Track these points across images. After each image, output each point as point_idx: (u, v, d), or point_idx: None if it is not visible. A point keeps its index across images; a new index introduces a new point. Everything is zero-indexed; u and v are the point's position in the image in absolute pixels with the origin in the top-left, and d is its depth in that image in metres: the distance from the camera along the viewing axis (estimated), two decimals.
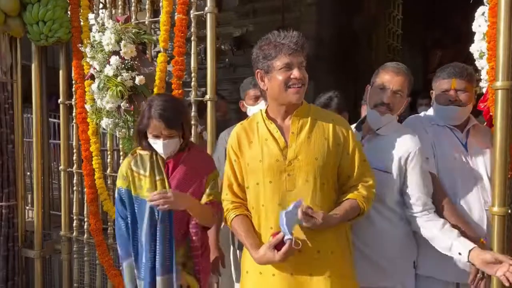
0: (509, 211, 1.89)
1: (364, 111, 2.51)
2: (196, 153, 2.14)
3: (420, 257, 2.05)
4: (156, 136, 1.99)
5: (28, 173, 4.17)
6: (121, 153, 3.07)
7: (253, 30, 7.96)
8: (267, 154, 1.75)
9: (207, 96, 2.74)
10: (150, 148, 2.06)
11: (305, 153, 1.73)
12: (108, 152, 3.22)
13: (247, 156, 1.80)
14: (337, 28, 8.54)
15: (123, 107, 2.79)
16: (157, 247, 1.98)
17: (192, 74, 2.80)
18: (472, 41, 2.46)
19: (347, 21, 8.96)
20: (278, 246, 1.63)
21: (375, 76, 2.05)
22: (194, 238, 2.03)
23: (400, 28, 12.10)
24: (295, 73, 1.68)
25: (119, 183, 2.11)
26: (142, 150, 2.11)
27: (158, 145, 2.00)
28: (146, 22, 3.00)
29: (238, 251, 2.55)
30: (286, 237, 1.61)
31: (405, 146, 1.94)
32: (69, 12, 3.27)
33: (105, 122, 2.88)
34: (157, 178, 2.04)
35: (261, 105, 2.43)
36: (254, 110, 2.46)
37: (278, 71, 1.69)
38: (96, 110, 2.97)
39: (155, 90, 2.84)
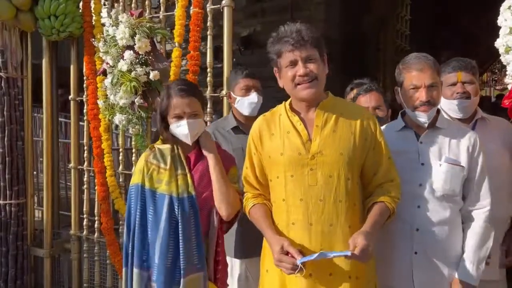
0: None
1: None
2: (216, 147, 2.02)
3: None
4: (179, 117, 1.88)
5: (35, 173, 4.12)
6: (133, 150, 3.01)
7: (261, 30, 7.91)
8: (288, 147, 1.70)
9: (223, 92, 2.67)
10: (172, 139, 1.95)
11: (330, 148, 1.67)
12: (120, 150, 3.15)
13: (268, 149, 1.76)
14: (345, 28, 8.50)
15: (137, 103, 2.73)
16: (181, 245, 1.83)
17: (208, 70, 2.74)
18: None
19: (355, 21, 8.93)
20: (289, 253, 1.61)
21: (400, 76, 1.96)
22: (219, 240, 1.93)
23: (408, 28, 12.05)
24: (299, 69, 1.63)
25: (135, 179, 1.94)
26: (161, 144, 1.98)
27: (182, 127, 1.88)
28: (161, 17, 2.94)
29: (233, 260, 2.40)
30: (301, 260, 1.57)
31: (467, 136, 1.90)
32: (81, 7, 3.22)
33: (118, 118, 2.82)
34: (179, 172, 1.91)
35: (254, 96, 2.34)
36: (245, 101, 2.36)
37: (285, 68, 1.67)
38: (109, 106, 2.90)
39: None
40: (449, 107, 2.16)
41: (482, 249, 1.85)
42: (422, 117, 1.90)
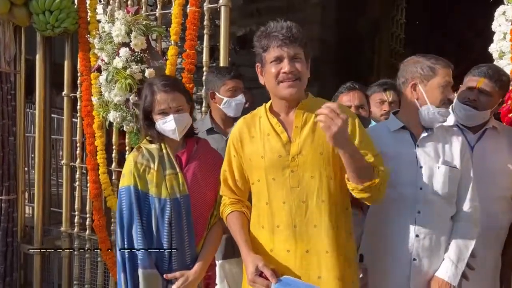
0: None
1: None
2: (206, 148, 2.02)
3: None
4: (165, 113, 1.84)
5: (26, 169, 4.09)
6: (126, 147, 2.99)
7: (256, 30, 7.92)
8: (269, 150, 1.66)
9: None
10: (159, 137, 1.90)
11: (309, 148, 1.63)
12: (114, 147, 3.14)
13: (249, 152, 1.72)
14: (340, 30, 8.54)
15: (131, 100, 2.71)
16: (174, 246, 1.82)
17: (204, 68, 2.73)
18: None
19: (350, 24, 8.97)
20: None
21: (430, 71, 1.86)
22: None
23: (403, 32, 12.14)
24: (285, 66, 1.57)
25: (125, 181, 1.86)
26: (148, 144, 1.93)
27: (169, 122, 1.84)
28: (157, 14, 2.93)
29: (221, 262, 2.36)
30: (275, 285, 1.53)
31: (458, 139, 1.90)
32: (76, 2, 3.20)
33: (112, 115, 2.80)
34: (167, 172, 1.86)
35: (241, 97, 2.30)
36: (232, 102, 2.30)
37: (270, 64, 1.61)
38: (103, 103, 2.89)
39: None
40: (456, 109, 2.13)
41: (464, 250, 1.84)
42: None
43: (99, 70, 2.95)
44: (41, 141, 3.48)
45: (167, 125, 1.85)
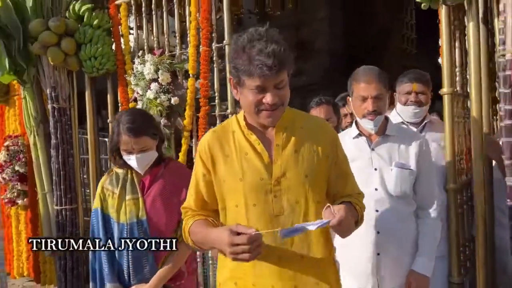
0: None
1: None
2: (175, 168, 2.09)
3: None
4: (129, 152, 1.96)
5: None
6: None
7: None
8: (248, 171, 1.48)
9: (229, 110, 3.40)
10: (125, 165, 2.03)
11: (293, 170, 1.48)
12: None
13: (223, 173, 1.52)
14: (349, 39, 9.04)
15: (162, 123, 3.48)
16: (131, 269, 1.95)
17: (216, 94, 3.47)
18: None
19: (359, 32, 9.43)
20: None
21: (350, 87, 2.13)
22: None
23: (414, 32, 12.50)
24: (268, 98, 1.41)
25: (95, 203, 2.06)
26: (118, 168, 2.09)
27: (132, 160, 1.96)
28: (177, 54, 3.71)
29: None
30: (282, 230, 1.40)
31: (415, 142, 2.07)
32: (114, 49, 4.02)
33: None
34: (128, 197, 1.99)
35: None
36: None
37: (249, 90, 1.42)
38: None
39: (187, 107, 3.52)
40: (403, 112, 2.52)
41: (433, 243, 2.06)
42: (369, 124, 2.06)
43: (135, 100, 3.74)
44: (94, 162, 4.28)
45: (130, 162, 2.00)
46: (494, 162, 2.43)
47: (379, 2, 9.87)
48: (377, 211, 2.01)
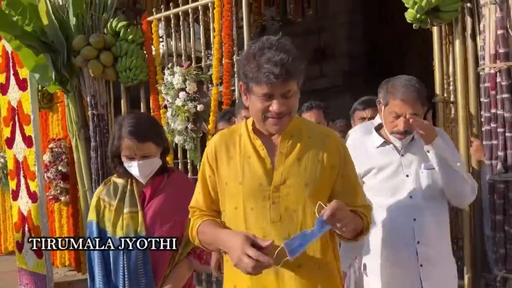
0: None
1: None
2: (178, 179, 1.95)
3: None
4: (131, 158, 1.79)
5: None
6: (188, 160, 4.19)
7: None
8: (248, 176, 1.49)
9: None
10: (126, 174, 1.85)
11: (294, 178, 1.48)
12: (179, 161, 4.34)
13: (225, 174, 1.54)
14: (369, 42, 9.23)
15: (189, 128, 3.90)
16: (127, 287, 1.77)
17: (237, 101, 3.87)
18: None
19: (379, 35, 9.59)
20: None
21: (385, 98, 1.95)
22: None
23: None
24: (274, 106, 1.43)
25: (90, 215, 1.89)
26: (117, 178, 1.91)
27: (133, 167, 1.79)
28: (202, 65, 4.13)
29: None
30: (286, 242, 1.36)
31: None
32: (146, 61, 4.48)
33: (177, 138, 4.02)
34: (126, 210, 1.82)
35: None
36: None
37: (257, 97, 1.44)
38: (170, 130, 4.12)
39: (211, 113, 3.93)
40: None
41: (455, 159, 1.92)
42: (397, 142, 1.97)
43: (165, 107, 4.19)
44: None
45: (132, 169, 1.82)
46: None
47: (398, 6, 9.95)
48: (414, 220, 1.91)
